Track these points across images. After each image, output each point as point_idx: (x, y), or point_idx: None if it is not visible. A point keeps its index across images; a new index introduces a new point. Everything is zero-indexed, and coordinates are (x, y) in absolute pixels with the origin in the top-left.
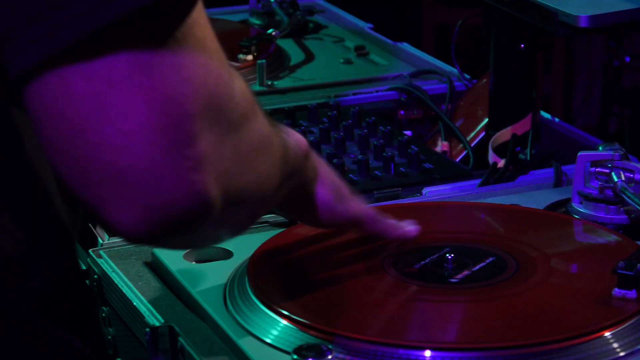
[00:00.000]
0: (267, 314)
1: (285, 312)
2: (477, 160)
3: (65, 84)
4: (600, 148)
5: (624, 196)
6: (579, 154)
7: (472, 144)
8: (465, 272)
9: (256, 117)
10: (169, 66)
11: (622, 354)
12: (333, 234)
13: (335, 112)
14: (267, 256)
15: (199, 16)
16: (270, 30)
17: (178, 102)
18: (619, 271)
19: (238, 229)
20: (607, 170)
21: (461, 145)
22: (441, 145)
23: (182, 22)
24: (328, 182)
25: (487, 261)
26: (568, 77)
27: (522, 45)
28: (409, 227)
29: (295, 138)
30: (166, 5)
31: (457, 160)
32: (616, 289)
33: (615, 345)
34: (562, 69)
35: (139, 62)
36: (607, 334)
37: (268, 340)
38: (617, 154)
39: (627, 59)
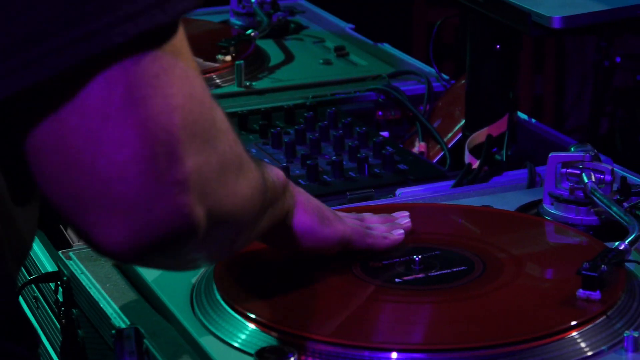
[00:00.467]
0: (232, 315)
1: (250, 314)
2: (454, 161)
3: (60, 119)
4: (572, 149)
5: (594, 197)
6: (550, 155)
7: (449, 145)
8: (432, 274)
9: (237, 143)
10: (161, 96)
11: (588, 354)
12: None
13: (311, 113)
14: (235, 258)
15: (182, 45)
16: (249, 31)
17: (169, 131)
18: (583, 272)
19: (220, 254)
20: (578, 172)
21: (438, 146)
22: (418, 146)
23: (169, 50)
24: (309, 209)
25: (454, 263)
26: (560, 77)
27: (498, 46)
28: (397, 232)
29: (274, 170)
30: (152, 35)
31: (435, 161)
32: (580, 290)
33: (578, 346)
34: (553, 69)
35: (132, 95)
36: (570, 335)
37: (232, 343)
38: (587, 155)
39: (618, 59)
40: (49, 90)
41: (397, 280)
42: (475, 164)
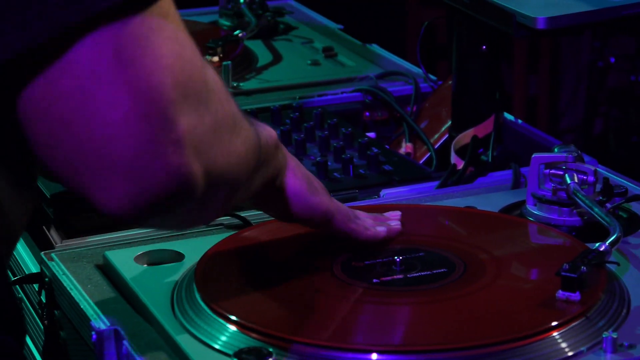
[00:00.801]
0: (211, 316)
1: (230, 316)
2: (441, 162)
3: (51, 82)
4: (555, 150)
5: (576, 198)
6: (532, 156)
7: (436, 146)
8: (413, 275)
9: (229, 102)
10: (150, 57)
11: (567, 355)
12: (282, 237)
13: (297, 113)
14: (215, 259)
15: (169, 7)
16: (237, 32)
17: (160, 90)
18: (563, 273)
19: (216, 213)
20: (561, 172)
21: (425, 147)
22: (405, 147)
23: (156, 12)
24: (299, 174)
25: (435, 264)
26: (554, 77)
27: (484, 47)
28: (380, 228)
29: (267, 129)
30: None
31: (421, 162)
32: (560, 291)
33: (557, 347)
34: (548, 69)
35: (121, 56)
36: (548, 336)
37: (212, 344)
38: (570, 155)
39: (612, 60)
40: (40, 55)
41: (375, 280)
42: (461, 165)
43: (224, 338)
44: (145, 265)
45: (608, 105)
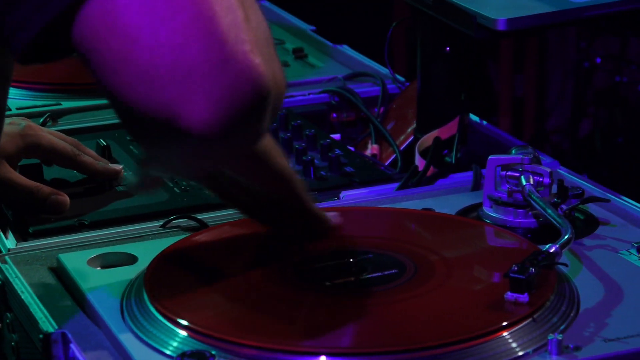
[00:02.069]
0: (158, 319)
1: (175, 318)
2: (406, 163)
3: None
4: (513, 151)
5: (531, 200)
6: (489, 157)
7: (402, 147)
8: (363, 277)
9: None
10: None
11: (512, 357)
12: (235, 240)
13: None
14: (166, 262)
15: None
16: None
17: None
18: (511, 275)
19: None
20: (517, 174)
21: (391, 148)
22: (371, 149)
23: None
24: (268, 136)
25: (386, 266)
26: (541, 77)
27: (448, 48)
28: (331, 213)
29: None
30: None
31: (387, 163)
32: (509, 293)
33: (502, 349)
34: (535, 69)
35: None
36: (494, 338)
37: (157, 346)
38: (527, 157)
39: (598, 60)
40: None
41: (327, 283)
42: (422, 166)
43: (170, 341)
44: (98, 268)
45: (595, 106)
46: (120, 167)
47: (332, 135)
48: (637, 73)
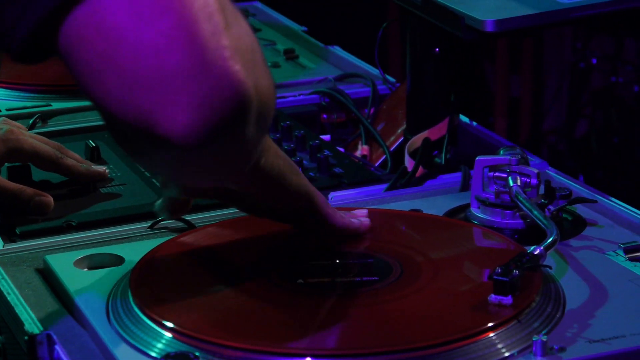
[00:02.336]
0: (143, 321)
1: (161, 320)
2: (396, 164)
3: (95, 3)
4: (501, 152)
5: (517, 201)
6: (477, 158)
7: (392, 148)
8: (349, 278)
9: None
10: None
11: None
12: (221, 241)
13: None
14: (152, 263)
15: None
16: None
17: None
18: (495, 277)
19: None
20: (505, 175)
21: (381, 149)
22: (361, 149)
23: None
24: (281, 154)
25: (372, 267)
26: (537, 78)
27: (437, 50)
28: (354, 219)
29: None
30: None
31: (377, 164)
32: (492, 295)
33: (487, 351)
34: (531, 70)
35: None
36: (479, 340)
37: (142, 348)
38: (514, 158)
39: (594, 61)
40: None
41: (312, 284)
42: (412, 167)
43: (155, 343)
44: (85, 270)
45: (590, 106)
46: (104, 168)
47: (322, 137)
48: (633, 74)
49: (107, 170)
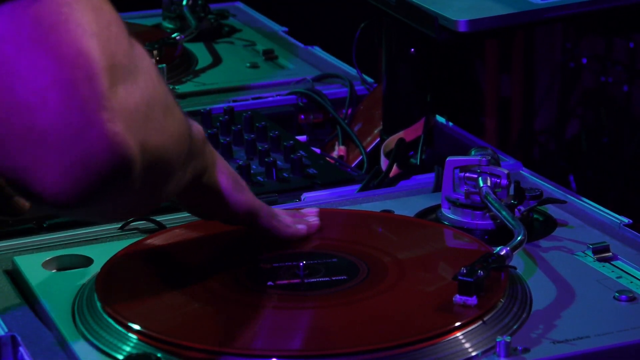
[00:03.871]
0: (109, 323)
1: (125, 322)
2: (373, 164)
3: None
4: (472, 152)
5: (487, 201)
6: (447, 159)
7: (368, 149)
8: (316, 279)
9: (161, 82)
10: (73, 23)
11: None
12: (189, 242)
13: (227, 116)
14: (119, 264)
15: None
16: (175, 35)
17: (86, 55)
18: (460, 277)
19: (149, 201)
20: (475, 176)
21: (358, 150)
22: (338, 150)
23: None
24: (226, 172)
25: (339, 268)
26: (527, 78)
27: (412, 50)
28: (300, 226)
29: (195, 124)
30: None
31: (354, 164)
32: (457, 296)
33: (450, 352)
34: (521, 69)
35: (43, 22)
36: (443, 340)
37: (106, 349)
38: (484, 159)
39: (584, 61)
40: None
41: (276, 283)
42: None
43: (120, 345)
44: (54, 271)
45: (581, 106)
46: None
47: (299, 137)
48: (623, 73)
49: None
